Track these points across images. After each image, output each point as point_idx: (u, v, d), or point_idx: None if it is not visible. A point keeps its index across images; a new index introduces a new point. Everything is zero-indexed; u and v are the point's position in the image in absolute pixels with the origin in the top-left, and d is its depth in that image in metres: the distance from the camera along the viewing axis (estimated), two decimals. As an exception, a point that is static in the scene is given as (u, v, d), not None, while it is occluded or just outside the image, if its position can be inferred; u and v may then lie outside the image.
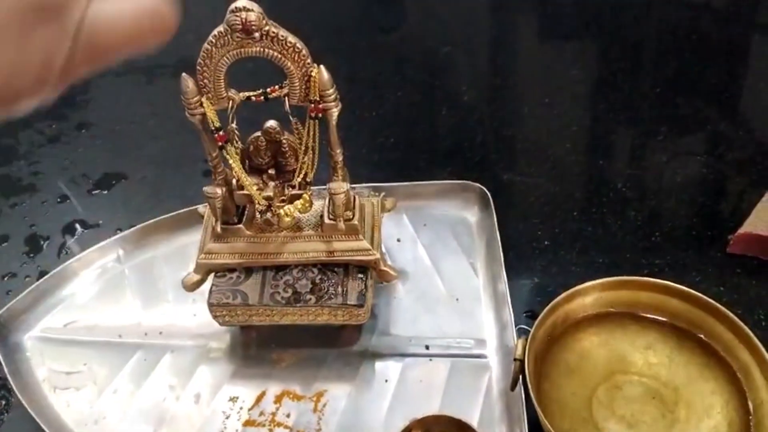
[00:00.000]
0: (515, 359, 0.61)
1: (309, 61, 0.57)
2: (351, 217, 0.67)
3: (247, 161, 0.66)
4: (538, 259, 0.78)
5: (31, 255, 0.82)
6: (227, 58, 0.57)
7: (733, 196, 0.84)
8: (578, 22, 1.15)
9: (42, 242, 0.83)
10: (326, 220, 0.67)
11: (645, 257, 0.77)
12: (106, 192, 0.89)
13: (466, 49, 1.10)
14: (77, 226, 0.85)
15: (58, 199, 0.88)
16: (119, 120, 0.99)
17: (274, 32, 0.55)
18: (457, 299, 0.74)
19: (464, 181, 0.82)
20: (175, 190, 0.88)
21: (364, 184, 0.80)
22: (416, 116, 0.97)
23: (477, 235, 0.80)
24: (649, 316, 0.66)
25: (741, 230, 0.75)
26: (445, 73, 1.05)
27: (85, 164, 0.93)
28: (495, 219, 0.77)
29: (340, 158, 0.64)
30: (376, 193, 0.74)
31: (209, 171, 0.89)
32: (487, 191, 0.80)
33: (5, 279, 0.79)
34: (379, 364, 0.69)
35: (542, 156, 0.90)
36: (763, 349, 0.59)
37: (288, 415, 0.66)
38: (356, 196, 0.69)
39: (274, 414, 0.66)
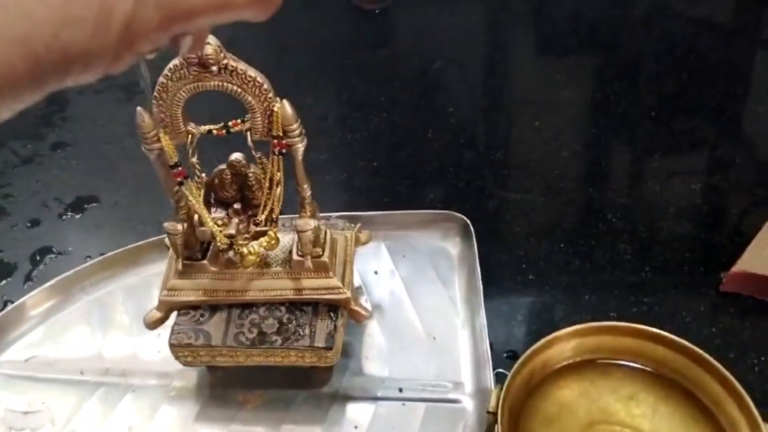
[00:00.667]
0: (488, 412, 0.57)
1: (271, 95, 0.54)
2: (320, 253, 0.64)
3: (212, 194, 0.62)
4: (521, 294, 0.74)
5: (-3, 283, 0.79)
6: (184, 92, 0.54)
7: (728, 227, 0.81)
8: (573, 39, 1.11)
9: (9, 269, 0.80)
10: (294, 257, 0.64)
11: (634, 294, 0.73)
12: (77, 216, 0.86)
13: (454, 68, 1.06)
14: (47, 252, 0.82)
15: (28, 224, 0.85)
16: (96, 140, 0.96)
17: (232, 66, 0.52)
18: (434, 337, 0.70)
19: (446, 211, 0.79)
20: (148, 215, 0.85)
21: (340, 213, 0.77)
22: (401, 138, 0.94)
23: (458, 267, 0.76)
24: (633, 364, 0.62)
25: (735, 268, 0.72)
26: (433, 92, 1.02)
27: (58, 187, 0.90)
28: (476, 252, 0.74)
29: (307, 194, 0.61)
30: (351, 225, 0.71)
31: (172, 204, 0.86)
32: (468, 222, 0.76)
33: (-32, 309, 0.77)
34: (350, 407, 0.66)
35: (530, 182, 0.86)
36: (752, 405, 0.55)
37: (251, 463, 0.63)
38: (327, 230, 0.66)
39: (236, 461, 0.63)
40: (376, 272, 0.76)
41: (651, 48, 1.10)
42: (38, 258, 0.81)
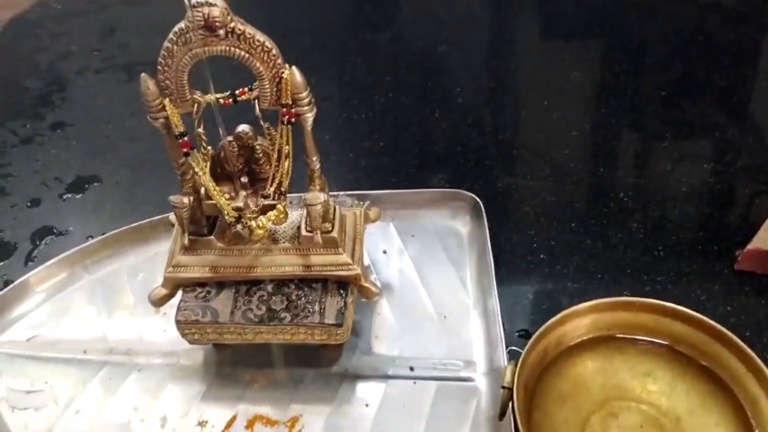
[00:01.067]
0: (503, 387, 0.56)
1: (280, 61, 0.53)
2: (330, 229, 0.62)
3: (218, 168, 0.61)
4: (532, 274, 0.73)
5: (-3, 263, 0.78)
6: (189, 57, 0.52)
7: (741, 207, 0.79)
8: (580, 21, 1.10)
9: (9, 249, 0.79)
10: (303, 232, 0.62)
11: (647, 273, 0.72)
12: (78, 196, 0.85)
13: (461, 48, 1.05)
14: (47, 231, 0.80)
15: (28, 203, 0.84)
16: (96, 120, 0.94)
17: (240, 29, 0.51)
18: (444, 316, 0.69)
19: (455, 190, 0.77)
20: (149, 195, 0.83)
21: (348, 192, 0.75)
22: (408, 119, 0.93)
23: (468, 246, 0.75)
24: (649, 340, 0.61)
25: (750, 246, 0.70)
26: (439, 73, 1.00)
27: (59, 166, 0.88)
28: (487, 230, 0.72)
29: (316, 166, 0.59)
30: (360, 203, 0.69)
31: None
32: (479, 200, 0.75)
33: (-32, 289, 0.75)
34: (360, 386, 0.65)
35: (539, 162, 0.85)
36: (773, 380, 0.54)
37: (259, 442, 0.61)
38: (336, 206, 0.64)
39: (244, 440, 0.61)
40: (384, 251, 0.75)
41: (658, 31, 1.09)
42: (39, 238, 0.80)
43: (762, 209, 0.76)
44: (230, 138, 0.60)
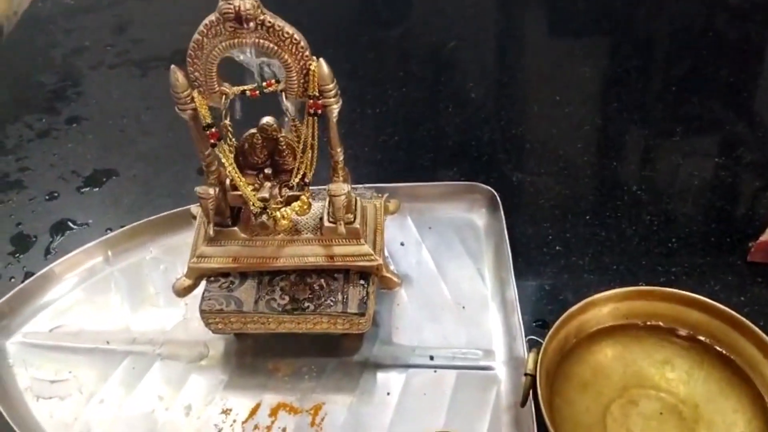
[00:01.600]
0: (526, 374, 0.57)
1: (308, 53, 0.54)
2: (352, 219, 0.63)
3: (241, 160, 0.62)
4: (548, 265, 0.74)
5: (17, 255, 0.78)
6: (219, 49, 0.53)
7: (752, 200, 0.80)
8: (589, 17, 1.11)
9: (28, 242, 0.80)
10: (326, 223, 0.63)
11: (661, 264, 0.73)
12: (96, 189, 0.85)
13: (472, 44, 1.06)
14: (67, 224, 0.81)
15: (46, 197, 0.85)
16: (111, 114, 0.95)
17: (270, 22, 0.52)
18: (463, 307, 0.70)
19: (471, 183, 0.78)
20: (167, 188, 0.84)
21: (366, 185, 0.76)
22: (421, 114, 0.93)
23: (485, 238, 0.76)
24: (667, 328, 0.62)
25: (762, 238, 0.71)
26: (451, 69, 1.01)
27: (75, 160, 0.89)
28: (504, 222, 0.73)
29: (340, 158, 0.60)
30: (379, 195, 0.70)
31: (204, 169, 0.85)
32: (495, 193, 0.76)
33: (-12, 280, 0.76)
34: (381, 375, 0.66)
35: (552, 156, 0.86)
36: (791, 367, 0.55)
37: (284, 430, 0.62)
38: (357, 198, 0.65)
39: (269, 428, 0.62)
40: (402, 244, 0.76)
41: (666, 27, 1.10)
42: (57, 231, 0.80)
43: (773, 202, 0.77)
44: (254, 130, 0.60)
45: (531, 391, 0.57)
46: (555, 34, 1.10)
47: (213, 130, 0.56)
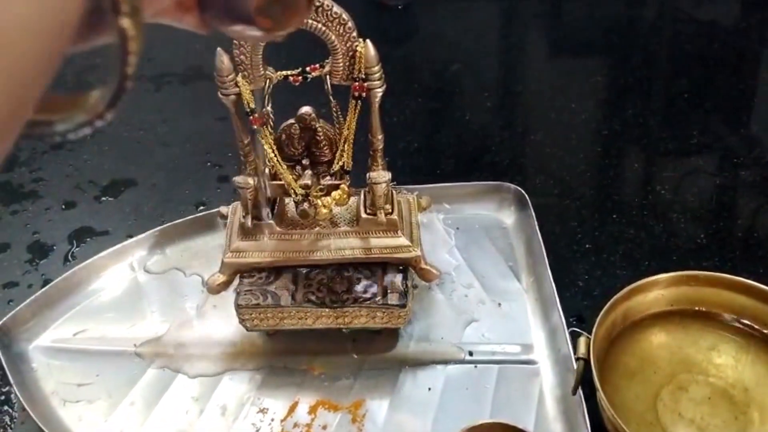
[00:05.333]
0: (578, 359, 0.56)
1: (354, 34, 0.54)
2: (390, 210, 0.62)
3: (278, 152, 0.61)
4: (580, 263, 0.73)
5: (35, 263, 0.76)
6: (268, 30, 0.53)
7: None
8: (593, 34, 1.13)
9: (46, 250, 0.77)
10: (363, 215, 0.62)
11: (693, 259, 0.73)
12: (114, 199, 0.84)
13: (483, 61, 1.07)
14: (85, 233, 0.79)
15: (63, 206, 0.83)
16: (127, 127, 0.94)
17: (319, 1, 0.52)
18: (499, 304, 0.69)
19: (499, 182, 0.78)
20: (187, 196, 0.83)
21: (393, 185, 0.75)
22: (439, 122, 0.94)
23: (514, 237, 0.75)
24: (712, 312, 0.62)
25: (792, 229, 0.72)
26: (466, 80, 1.02)
27: (92, 171, 0.87)
28: (534, 219, 0.73)
29: (380, 145, 0.60)
30: (409, 192, 0.70)
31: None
32: (523, 192, 0.76)
33: (6, 288, 0.73)
34: (419, 372, 0.64)
35: (574, 160, 0.86)
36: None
37: (324, 427, 0.60)
38: (393, 192, 0.64)
39: (309, 426, 0.60)
40: (431, 244, 0.75)
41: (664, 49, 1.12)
42: (76, 238, 0.79)
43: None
44: (292, 120, 0.60)
45: (581, 377, 0.56)
46: (559, 47, 1.12)
47: (256, 115, 0.56)
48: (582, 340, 0.57)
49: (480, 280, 0.71)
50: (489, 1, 1.24)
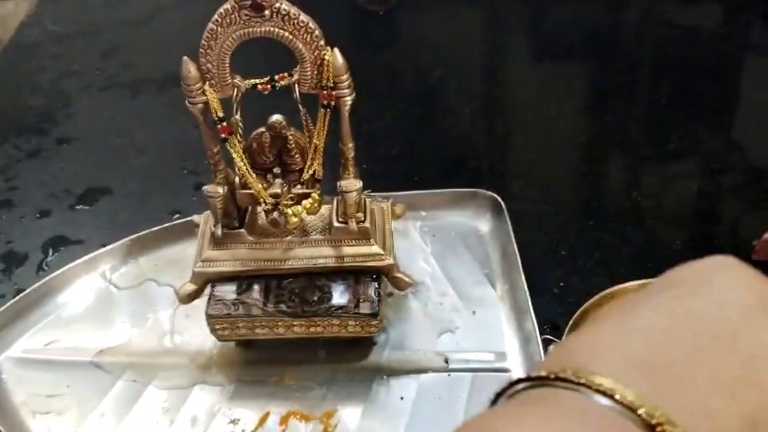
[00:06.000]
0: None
1: (322, 43, 0.53)
2: (362, 219, 0.62)
3: (249, 161, 0.60)
4: (555, 270, 0.73)
5: (8, 272, 0.75)
6: (233, 38, 0.52)
7: (757, 203, 0.81)
8: (575, 38, 1.13)
9: (20, 259, 0.77)
10: (335, 223, 0.62)
11: (669, 265, 0.72)
12: (89, 207, 0.83)
13: (465, 67, 1.07)
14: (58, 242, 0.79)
15: (38, 215, 0.82)
16: (103, 134, 0.93)
17: (285, 10, 0.51)
18: (473, 312, 0.69)
19: (475, 189, 0.78)
20: (163, 204, 0.82)
21: (368, 192, 0.75)
22: (418, 128, 0.93)
23: (490, 244, 0.75)
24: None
25: (766, 236, 0.72)
26: (447, 86, 1.02)
27: (67, 179, 0.87)
28: (510, 226, 0.73)
29: (351, 153, 0.59)
30: (384, 199, 0.69)
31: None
32: (499, 199, 0.75)
33: (-23, 298, 0.73)
34: (393, 381, 0.64)
35: (552, 166, 0.86)
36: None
37: (295, 438, 0.59)
38: (365, 199, 0.64)
39: (280, 437, 0.60)
40: (406, 251, 0.75)
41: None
42: (51, 247, 0.78)
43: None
44: (262, 129, 0.59)
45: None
46: (541, 52, 1.11)
47: (224, 124, 0.55)
48: (552, 349, 0.56)
49: (455, 287, 0.71)
50: (472, 6, 1.24)
